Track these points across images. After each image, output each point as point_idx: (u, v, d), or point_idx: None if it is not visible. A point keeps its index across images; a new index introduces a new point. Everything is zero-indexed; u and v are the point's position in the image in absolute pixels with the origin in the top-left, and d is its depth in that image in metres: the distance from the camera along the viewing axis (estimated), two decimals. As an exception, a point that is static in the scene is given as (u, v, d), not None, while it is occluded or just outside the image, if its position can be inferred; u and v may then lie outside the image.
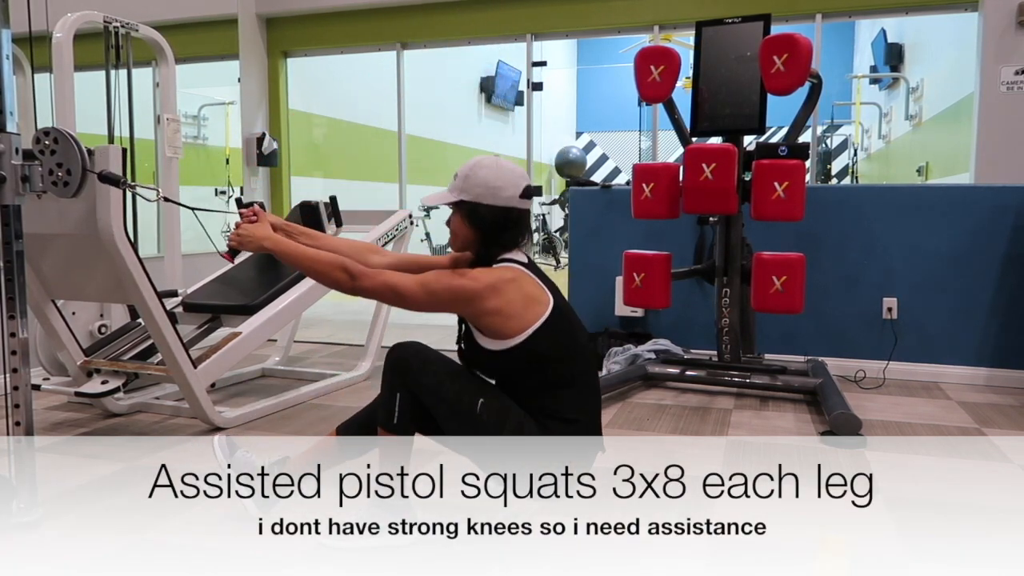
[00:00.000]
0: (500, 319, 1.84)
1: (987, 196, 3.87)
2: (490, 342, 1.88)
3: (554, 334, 1.89)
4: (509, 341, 1.86)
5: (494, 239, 1.92)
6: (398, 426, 1.91)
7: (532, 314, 1.87)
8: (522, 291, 1.87)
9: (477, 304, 1.84)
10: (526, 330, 1.86)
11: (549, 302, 1.90)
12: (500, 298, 1.84)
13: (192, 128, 7.28)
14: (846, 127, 10.46)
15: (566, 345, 1.92)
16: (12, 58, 2.06)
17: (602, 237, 4.39)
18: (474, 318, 1.88)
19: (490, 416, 1.87)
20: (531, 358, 1.87)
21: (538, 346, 1.87)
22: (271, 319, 3.32)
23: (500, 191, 1.89)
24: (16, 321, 2.06)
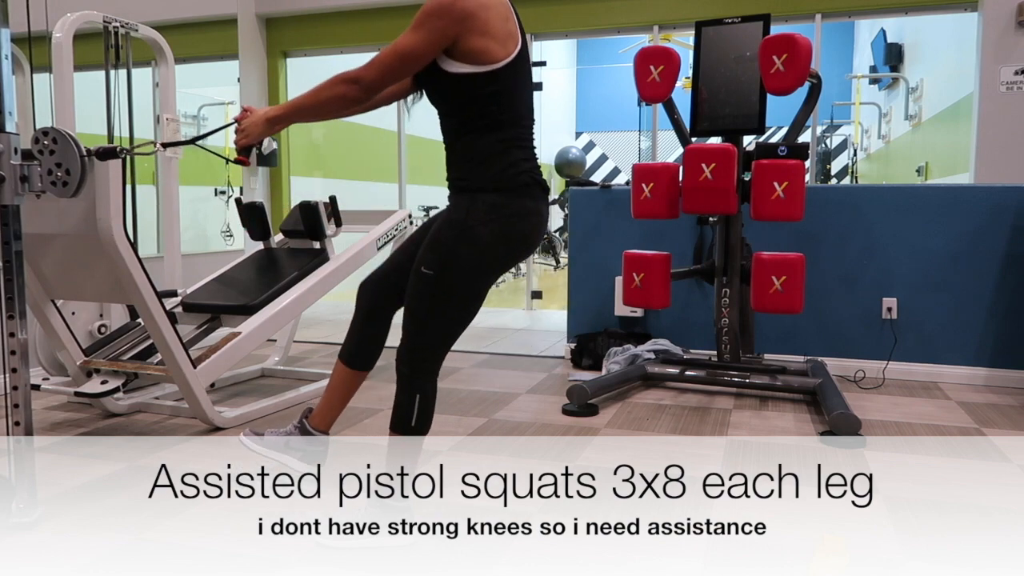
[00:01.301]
0: (484, 40, 1.80)
1: (986, 196, 3.87)
2: (457, 66, 1.82)
3: (518, 71, 1.87)
4: (481, 66, 1.82)
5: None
6: (415, 428, 1.91)
7: (507, 47, 1.84)
8: (507, 20, 1.85)
9: (467, 21, 1.78)
10: (500, 59, 1.83)
11: (519, 41, 1.88)
12: (488, 16, 1.79)
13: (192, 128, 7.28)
14: (846, 127, 10.46)
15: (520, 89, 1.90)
16: (11, 58, 2.06)
17: (601, 237, 4.40)
18: (458, 39, 1.80)
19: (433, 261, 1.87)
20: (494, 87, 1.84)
21: (505, 77, 1.84)
22: (270, 319, 3.31)
23: None
24: (15, 321, 2.06)
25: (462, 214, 1.88)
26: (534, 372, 4.15)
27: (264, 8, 6.26)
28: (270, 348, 4.26)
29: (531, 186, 1.93)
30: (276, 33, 6.40)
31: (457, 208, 1.91)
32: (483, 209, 1.87)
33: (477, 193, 1.89)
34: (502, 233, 1.89)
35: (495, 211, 1.87)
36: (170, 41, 4.06)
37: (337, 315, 6.12)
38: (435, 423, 1.96)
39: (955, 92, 5.77)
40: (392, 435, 1.93)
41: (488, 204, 1.87)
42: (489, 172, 1.89)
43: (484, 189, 1.88)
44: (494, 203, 1.88)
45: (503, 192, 1.89)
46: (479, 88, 1.84)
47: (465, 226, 1.87)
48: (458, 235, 1.87)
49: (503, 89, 1.86)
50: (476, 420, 3.18)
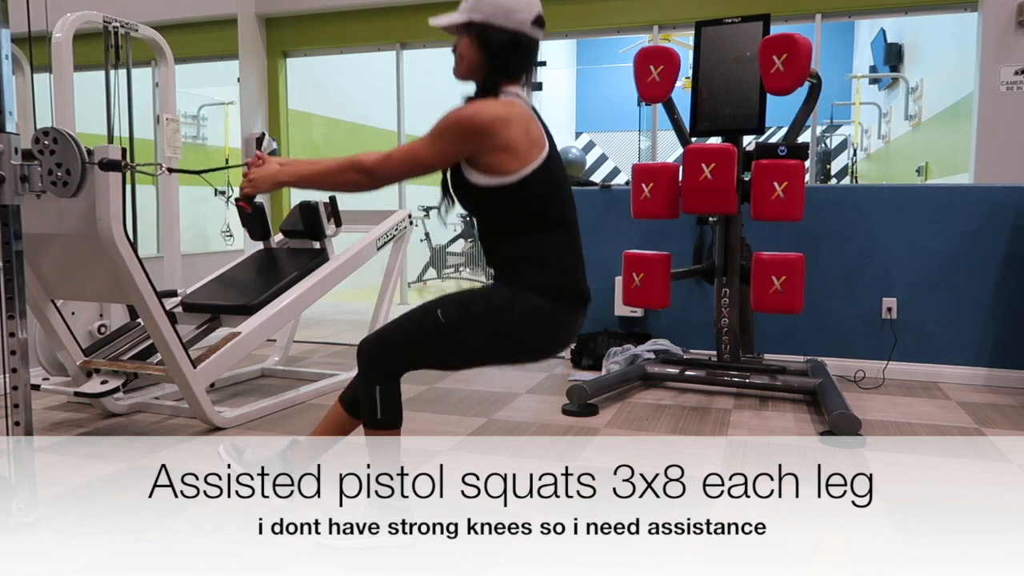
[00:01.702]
0: (504, 156, 1.80)
1: (986, 196, 3.87)
2: (483, 178, 1.83)
3: (546, 177, 1.87)
4: (505, 178, 1.82)
5: (501, 65, 1.86)
6: (383, 421, 1.89)
7: (531, 155, 1.84)
8: (528, 131, 1.84)
9: (486, 139, 1.79)
10: (523, 170, 1.82)
11: (546, 147, 1.88)
12: (508, 132, 1.79)
13: (191, 128, 7.28)
14: (845, 127, 10.45)
15: (554, 190, 1.90)
16: (11, 58, 2.06)
17: (601, 237, 4.39)
18: (479, 154, 1.82)
19: (453, 314, 1.86)
20: (522, 197, 1.84)
21: (531, 186, 1.84)
22: (270, 319, 3.31)
23: (513, 13, 1.83)
24: (15, 321, 2.06)
25: (504, 300, 1.88)
26: (534, 372, 4.15)
27: (264, 8, 6.26)
28: (270, 348, 4.26)
29: (576, 298, 1.96)
30: (276, 33, 6.40)
31: (500, 294, 1.89)
32: (523, 309, 1.87)
33: (524, 289, 1.88)
34: (529, 336, 1.91)
35: (534, 315, 1.88)
36: (170, 41, 4.06)
37: (337, 315, 6.12)
38: (435, 423, 1.97)
39: (955, 92, 5.77)
40: (366, 432, 1.93)
41: (530, 306, 1.87)
42: (538, 275, 1.89)
43: (532, 289, 1.88)
44: (537, 307, 1.88)
45: (550, 299, 1.89)
46: (508, 198, 1.85)
47: (500, 316, 1.87)
48: (488, 316, 1.87)
49: (533, 196, 1.86)
50: (476, 420, 3.18)
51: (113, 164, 2.34)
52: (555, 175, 1.90)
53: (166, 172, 2.35)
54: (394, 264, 4.04)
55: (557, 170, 1.91)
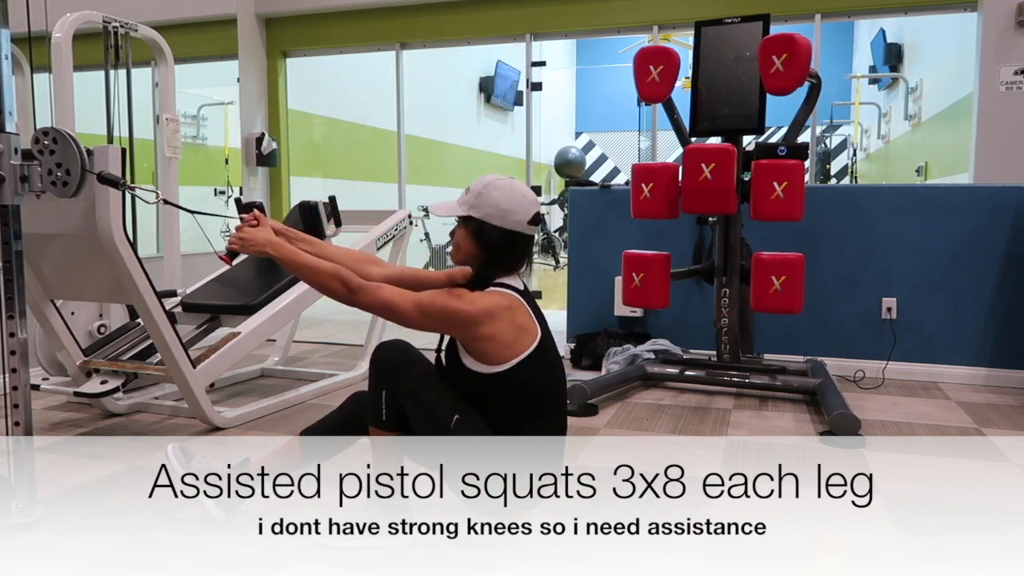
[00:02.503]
0: (491, 346, 1.83)
1: (986, 196, 3.87)
2: (474, 363, 1.87)
3: (537, 367, 1.88)
4: (494, 367, 1.85)
5: (496, 260, 1.91)
6: (388, 423, 1.91)
7: (520, 344, 1.86)
8: (515, 321, 1.86)
9: (471, 329, 1.83)
10: (512, 360, 1.84)
11: (537, 334, 1.89)
12: (493, 325, 1.82)
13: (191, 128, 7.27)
14: (845, 127, 10.46)
15: (545, 380, 1.92)
16: (11, 58, 2.06)
17: (601, 237, 4.40)
18: (465, 341, 1.87)
19: (463, 431, 1.86)
20: (511, 386, 1.86)
21: (520, 376, 1.86)
22: (270, 319, 3.31)
23: (510, 214, 1.88)
24: (15, 321, 2.06)
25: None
26: (534, 372, 4.15)
27: (264, 8, 6.25)
28: (270, 348, 4.26)
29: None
30: (276, 33, 6.39)
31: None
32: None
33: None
34: None
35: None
36: (170, 41, 4.06)
37: (336, 315, 6.12)
38: (435, 423, 1.96)
39: (955, 92, 5.77)
40: (371, 432, 1.94)
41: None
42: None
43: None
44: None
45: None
46: (497, 385, 1.86)
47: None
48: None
49: (525, 385, 1.87)
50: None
51: (111, 181, 2.33)
52: (549, 359, 1.92)
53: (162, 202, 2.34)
54: (394, 264, 4.04)
55: (547, 356, 1.92)
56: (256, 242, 1.98)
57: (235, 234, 2.01)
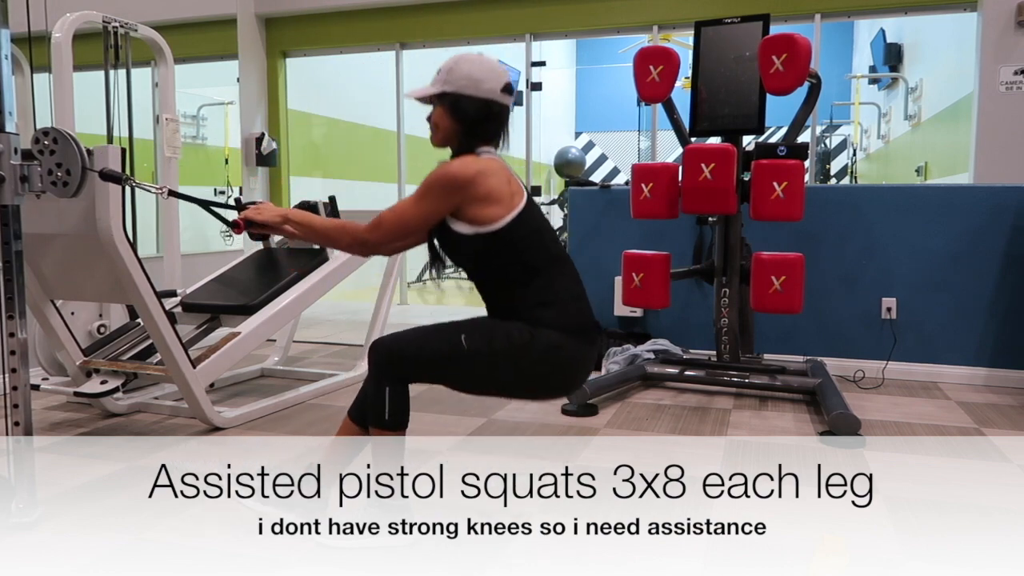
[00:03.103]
0: (487, 206, 1.88)
1: (986, 196, 3.87)
2: (469, 227, 1.90)
3: (529, 223, 1.94)
4: (490, 226, 1.89)
5: (475, 131, 1.95)
6: (390, 422, 1.91)
7: (514, 201, 1.92)
8: (508, 180, 1.93)
9: (469, 189, 1.87)
10: (507, 215, 1.89)
11: (525, 195, 1.96)
12: (488, 182, 1.88)
13: (191, 128, 7.27)
14: (845, 127, 10.45)
15: (539, 232, 1.97)
16: (11, 58, 2.06)
17: (601, 237, 4.40)
18: (462, 206, 1.89)
19: (477, 343, 1.89)
20: (509, 244, 1.91)
21: (517, 232, 1.91)
22: (270, 319, 3.31)
23: (482, 83, 1.92)
24: (15, 321, 2.06)
25: (525, 338, 1.90)
26: (534, 372, 4.15)
27: (264, 8, 6.25)
28: (270, 348, 4.26)
29: (591, 329, 1.99)
30: (276, 33, 6.39)
31: (522, 331, 1.91)
32: (544, 347, 1.90)
33: (542, 328, 1.91)
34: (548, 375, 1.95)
35: (555, 353, 1.91)
36: (169, 41, 4.06)
37: (336, 315, 6.12)
38: (435, 423, 1.97)
39: (955, 92, 5.77)
40: (373, 432, 1.93)
41: (551, 344, 1.91)
42: (551, 313, 1.93)
43: (550, 327, 1.92)
44: (558, 345, 1.91)
45: (568, 335, 1.93)
46: (496, 246, 1.91)
47: (521, 353, 1.90)
48: (509, 352, 1.90)
49: (521, 240, 1.92)
50: (476, 420, 3.18)
51: (114, 177, 2.33)
52: (537, 220, 1.98)
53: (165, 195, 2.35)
54: (394, 264, 4.05)
55: (537, 215, 1.99)
56: (273, 212, 2.09)
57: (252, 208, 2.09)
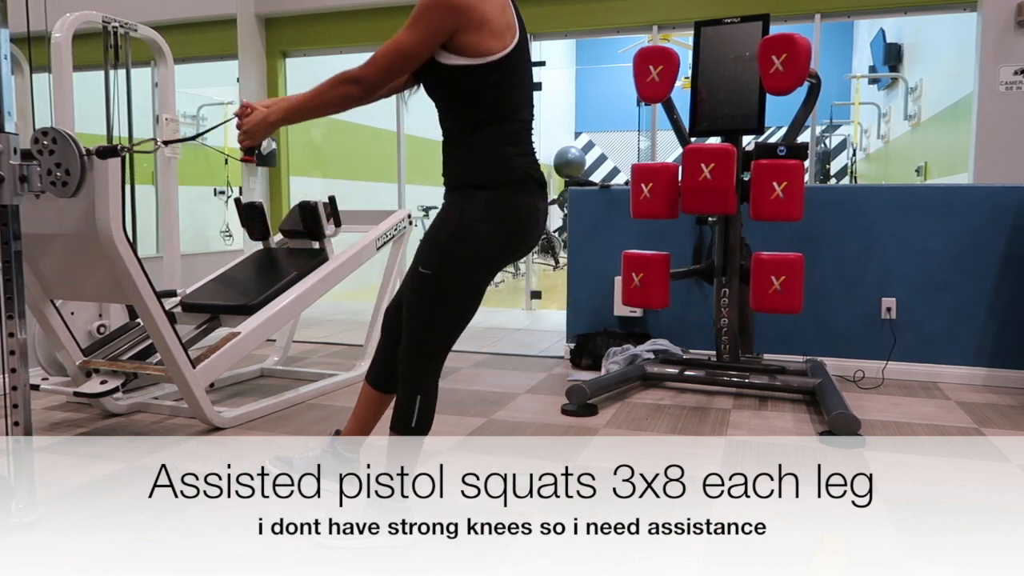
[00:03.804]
0: (481, 34, 1.80)
1: (986, 196, 3.87)
2: (455, 58, 1.82)
3: (516, 63, 1.87)
4: (478, 59, 1.82)
5: None
6: (415, 429, 1.91)
7: (505, 39, 1.84)
8: (504, 11, 1.85)
9: (465, 13, 1.77)
10: (497, 51, 1.83)
11: (517, 33, 1.88)
12: (484, 7, 1.79)
13: (191, 128, 7.27)
14: (845, 127, 10.46)
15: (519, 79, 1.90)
16: (11, 58, 2.06)
17: (601, 237, 4.39)
18: (456, 32, 1.80)
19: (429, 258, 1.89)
20: (492, 79, 1.84)
21: (502, 69, 1.84)
22: (270, 319, 3.31)
23: None
24: (15, 321, 2.06)
25: (458, 212, 1.89)
26: (533, 372, 4.15)
27: (263, 8, 6.25)
28: (270, 348, 4.26)
29: (527, 182, 1.93)
30: (275, 33, 6.39)
31: (453, 206, 1.91)
32: (479, 206, 1.87)
33: (473, 190, 1.89)
34: (499, 230, 1.89)
35: (491, 208, 1.88)
36: (169, 41, 4.06)
37: (336, 315, 6.12)
38: (435, 423, 1.96)
39: (954, 92, 5.77)
40: (392, 435, 1.93)
41: (484, 201, 1.88)
42: (485, 168, 1.89)
43: (480, 186, 1.89)
44: (490, 200, 1.88)
45: (499, 189, 1.89)
46: (476, 80, 1.84)
47: (461, 224, 1.87)
48: (454, 232, 1.87)
49: (500, 81, 1.85)
50: (476, 420, 3.18)
51: (110, 150, 2.34)
52: (521, 67, 1.90)
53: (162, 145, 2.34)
54: (394, 264, 4.05)
55: (523, 63, 1.92)
56: (258, 123, 1.97)
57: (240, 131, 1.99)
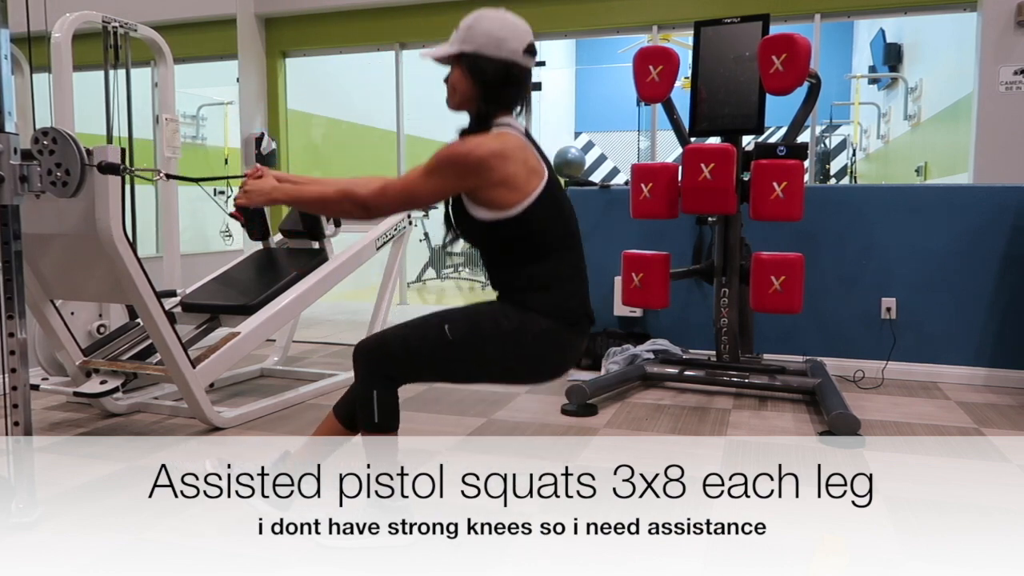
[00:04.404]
0: (503, 191, 1.78)
1: (986, 196, 3.87)
2: (485, 212, 1.82)
3: (548, 205, 1.85)
4: (507, 212, 1.80)
5: (494, 95, 1.85)
6: (380, 425, 1.89)
7: (531, 185, 1.82)
8: (526, 161, 1.82)
9: (483, 174, 1.77)
10: (523, 202, 1.81)
11: (545, 174, 1.86)
12: (505, 167, 1.77)
13: (191, 128, 7.27)
14: (845, 127, 10.45)
15: (557, 214, 1.89)
16: (11, 58, 2.06)
17: (600, 237, 4.39)
18: (477, 190, 1.80)
19: (461, 331, 1.85)
20: (525, 228, 1.83)
21: (534, 216, 1.82)
22: (270, 319, 3.31)
23: (505, 43, 1.82)
24: (15, 321, 2.06)
25: (514, 323, 1.87)
26: (533, 372, 4.14)
27: (263, 8, 6.25)
28: (269, 348, 4.26)
29: (582, 319, 1.95)
30: (275, 33, 6.39)
31: (509, 316, 1.88)
32: (533, 331, 1.87)
33: (532, 312, 1.88)
34: (538, 358, 1.91)
35: (543, 338, 1.88)
36: (169, 41, 4.06)
37: (336, 315, 6.12)
38: (435, 423, 1.97)
39: (954, 92, 5.77)
40: (363, 434, 1.93)
41: (540, 329, 1.87)
42: (545, 299, 1.89)
43: (540, 312, 1.88)
44: (546, 330, 1.87)
45: (557, 321, 1.89)
46: (511, 231, 1.84)
47: (509, 338, 1.86)
48: (496, 337, 1.86)
49: (536, 227, 1.85)
50: (476, 420, 3.18)
51: (112, 168, 2.33)
52: (556, 200, 1.89)
53: (164, 178, 2.35)
54: (393, 264, 4.05)
55: (558, 194, 1.90)
56: (262, 191, 1.99)
57: (241, 189, 2.01)
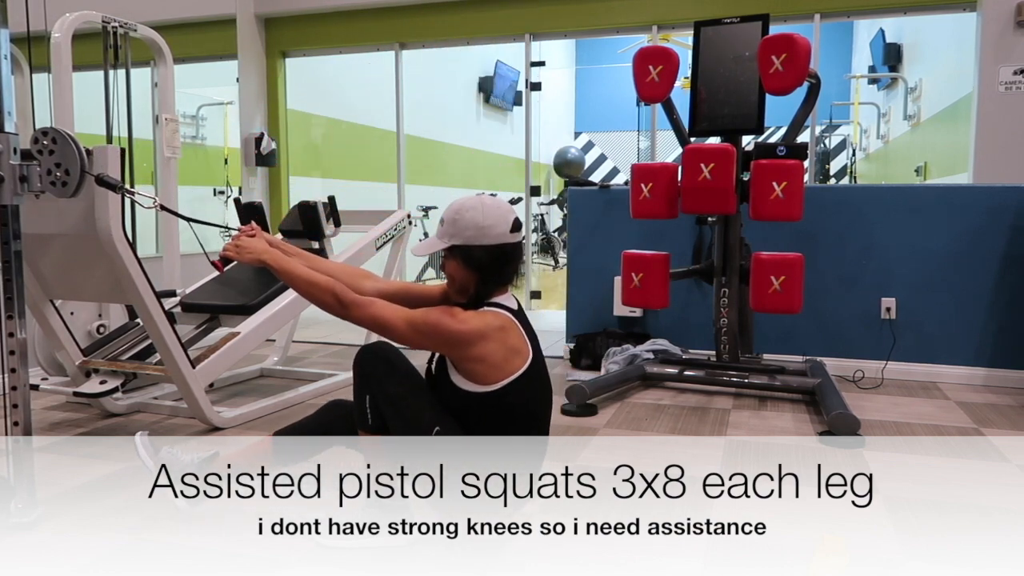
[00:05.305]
0: (481, 367, 1.84)
1: (985, 196, 3.88)
2: (464, 383, 1.87)
3: (525, 390, 1.89)
4: (483, 387, 1.86)
5: (492, 277, 1.91)
6: (374, 426, 1.91)
7: (511, 366, 1.87)
8: (507, 342, 1.87)
9: (462, 349, 1.83)
10: (501, 381, 1.85)
11: (528, 355, 1.90)
12: (485, 346, 1.83)
13: (191, 128, 7.26)
14: (844, 127, 10.46)
15: (533, 403, 1.93)
16: (10, 58, 2.06)
17: (600, 237, 4.39)
18: (456, 360, 1.88)
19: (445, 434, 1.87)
20: (498, 407, 1.87)
21: (508, 398, 1.87)
22: (269, 319, 3.31)
23: (491, 230, 1.87)
24: (15, 321, 2.06)
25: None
26: (533, 372, 4.14)
27: (263, 8, 6.25)
28: (269, 348, 4.26)
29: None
30: (275, 33, 6.39)
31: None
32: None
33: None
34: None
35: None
36: (169, 41, 4.06)
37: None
38: (435, 423, 1.96)
39: (954, 92, 5.77)
40: (360, 434, 1.94)
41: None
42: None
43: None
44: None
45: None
46: (484, 404, 1.87)
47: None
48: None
49: (509, 406, 1.88)
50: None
51: (110, 185, 2.33)
52: (538, 381, 1.93)
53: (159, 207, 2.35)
54: (393, 264, 4.05)
55: (541, 375, 1.94)
56: (253, 250, 2.00)
57: (231, 242, 2.02)
